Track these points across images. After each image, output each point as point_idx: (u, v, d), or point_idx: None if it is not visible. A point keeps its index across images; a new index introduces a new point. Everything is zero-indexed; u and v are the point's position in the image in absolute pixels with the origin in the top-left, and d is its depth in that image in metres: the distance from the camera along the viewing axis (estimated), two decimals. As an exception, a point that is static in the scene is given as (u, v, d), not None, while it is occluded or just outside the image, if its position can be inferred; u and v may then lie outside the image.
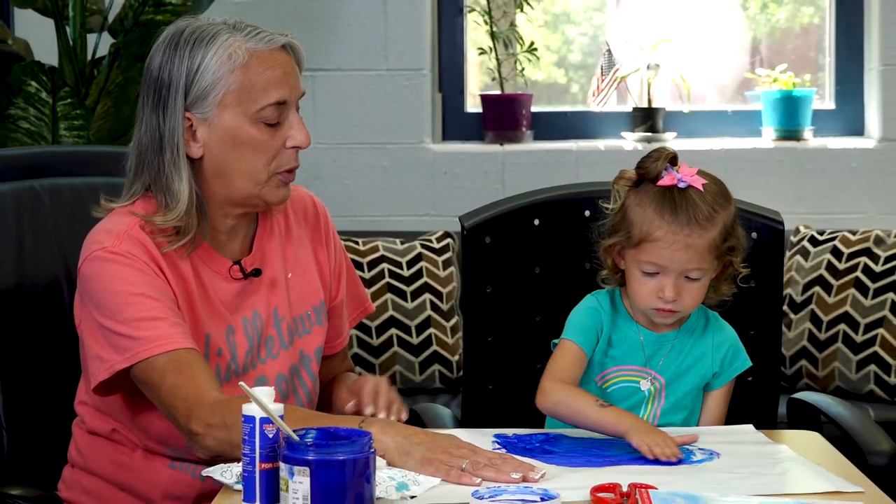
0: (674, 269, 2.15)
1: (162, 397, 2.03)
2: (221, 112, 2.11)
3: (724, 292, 2.25)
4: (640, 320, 2.25)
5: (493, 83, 4.34)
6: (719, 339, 2.26)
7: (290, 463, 1.64)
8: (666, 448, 2.00)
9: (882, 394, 3.70)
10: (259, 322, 2.21)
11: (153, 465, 2.18)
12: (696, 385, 2.25)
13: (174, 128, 2.11)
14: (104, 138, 3.57)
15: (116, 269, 2.08)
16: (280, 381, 2.23)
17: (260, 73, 2.11)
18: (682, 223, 2.13)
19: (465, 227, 2.50)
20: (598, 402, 2.14)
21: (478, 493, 1.75)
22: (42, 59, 3.57)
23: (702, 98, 4.47)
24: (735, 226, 2.20)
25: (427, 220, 4.22)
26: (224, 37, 2.11)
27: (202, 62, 2.10)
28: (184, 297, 2.14)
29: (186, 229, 2.13)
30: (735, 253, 2.20)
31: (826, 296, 3.78)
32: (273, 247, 2.26)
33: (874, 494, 1.84)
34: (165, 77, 2.12)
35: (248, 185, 2.14)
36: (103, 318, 2.07)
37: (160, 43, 2.15)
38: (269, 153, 2.13)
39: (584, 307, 2.26)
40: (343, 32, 4.24)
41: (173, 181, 2.12)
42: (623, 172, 2.22)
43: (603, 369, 2.25)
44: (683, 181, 2.16)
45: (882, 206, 4.21)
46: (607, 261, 2.24)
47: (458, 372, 3.83)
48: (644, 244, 2.15)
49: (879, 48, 4.21)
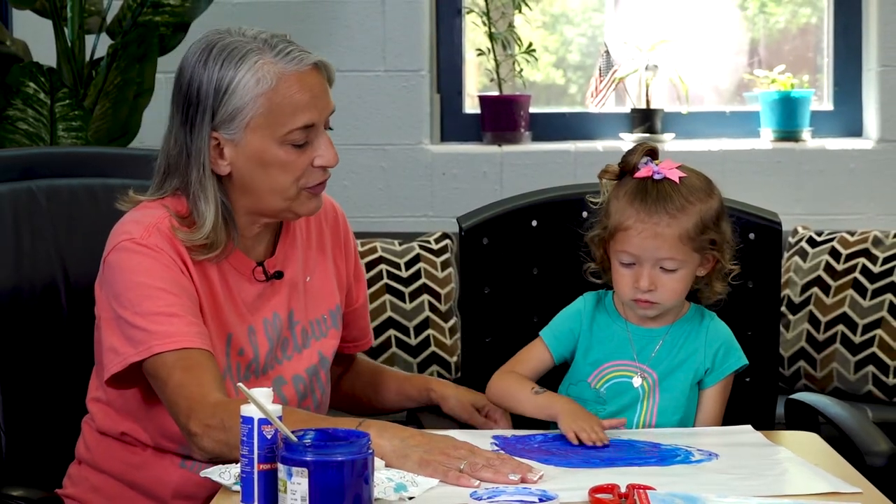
0: (646, 257, 2.18)
1: (167, 394, 2.03)
2: (248, 134, 2.11)
3: (718, 291, 2.26)
4: (629, 316, 2.27)
5: (491, 84, 4.34)
6: (713, 336, 2.27)
7: (288, 464, 1.64)
8: (592, 433, 2.04)
9: (880, 394, 3.70)
10: (279, 323, 2.23)
11: (163, 464, 2.19)
12: (689, 381, 2.26)
13: (201, 148, 2.12)
14: (102, 139, 3.57)
15: (141, 260, 2.09)
16: (297, 382, 2.25)
17: (288, 97, 2.10)
18: (651, 211, 2.17)
19: (463, 228, 2.50)
20: (534, 389, 2.19)
21: (476, 493, 1.75)
22: (40, 60, 3.57)
23: (700, 99, 4.47)
24: (719, 220, 2.21)
25: (425, 221, 4.22)
26: (254, 57, 2.10)
27: (231, 83, 2.09)
28: (208, 296, 2.15)
29: (215, 245, 2.14)
30: (720, 248, 2.22)
31: (824, 297, 3.78)
32: (294, 250, 2.27)
33: (872, 495, 1.84)
34: (194, 94, 2.12)
35: (278, 201, 2.16)
36: (122, 310, 2.07)
37: (190, 55, 2.15)
38: (297, 172, 2.14)
39: (568, 310, 2.31)
40: (341, 34, 4.24)
41: (199, 200, 2.13)
42: (607, 167, 2.27)
43: (594, 368, 2.26)
44: (659, 173, 2.20)
45: (880, 207, 4.21)
46: (597, 253, 2.27)
47: (457, 373, 3.83)
48: (618, 234, 2.20)
49: (878, 49, 4.21)
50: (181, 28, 3.66)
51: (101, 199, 2.44)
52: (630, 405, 2.24)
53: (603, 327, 2.27)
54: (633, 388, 2.24)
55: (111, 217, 2.27)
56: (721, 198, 2.23)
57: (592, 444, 2.04)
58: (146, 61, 3.59)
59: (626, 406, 2.24)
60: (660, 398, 2.25)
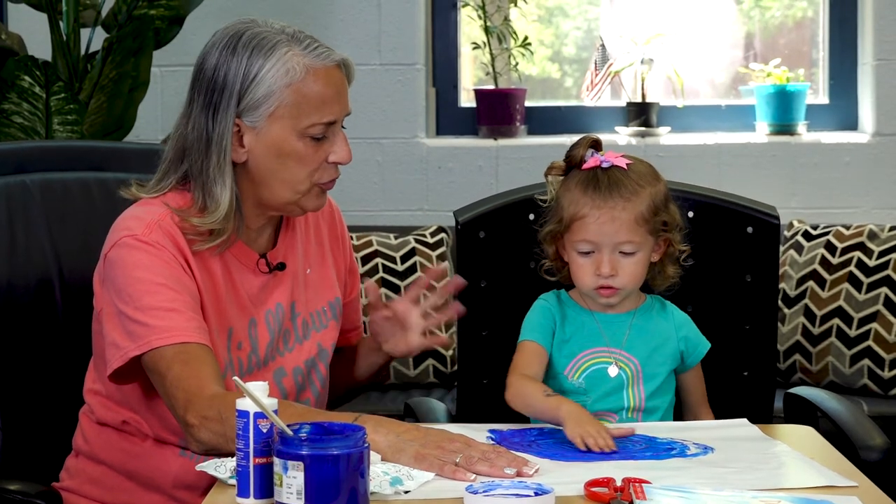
0: (605, 243, 2.21)
1: (166, 387, 2.04)
2: (271, 123, 2.12)
3: (671, 275, 2.30)
4: (591, 306, 2.29)
5: (486, 78, 4.34)
6: (678, 321, 2.31)
7: (284, 458, 1.64)
8: (599, 439, 2.02)
9: (875, 388, 3.71)
10: (281, 314, 2.25)
11: (163, 454, 2.19)
12: (670, 364, 2.28)
13: (223, 133, 2.12)
14: (98, 133, 3.57)
15: (142, 256, 2.10)
16: (297, 374, 2.26)
17: (315, 91, 2.12)
18: (606, 197, 2.20)
19: (459, 221, 2.50)
20: (545, 392, 2.18)
21: (472, 487, 1.75)
22: (35, 54, 3.57)
23: (695, 93, 4.47)
24: (667, 203, 2.26)
25: (421, 215, 4.22)
26: (283, 49, 2.12)
27: (259, 71, 2.11)
28: (210, 290, 2.16)
29: (222, 232, 2.15)
30: (670, 229, 2.26)
31: (820, 290, 3.78)
32: (295, 243, 2.29)
33: (868, 489, 1.84)
34: (220, 79, 2.12)
35: (288, 194, 2.17)
36: (122, 305, 2.08)
37: (217, 41, 2.15)
38: (312, 166, 2.15)
39: (534, 309, 2.32)
40: (337, 27, 4.24)
41: (216, 185, 2.13)
42: (553, 163, 2.32)
43: (570, 360, 2.27)
44: (606, 161, 2.24)
45: (876, 200, 4.21)
46: (549, 251, 2.30)
47: (453, 366, 3.83)
48: (574, 224, 2.22)
49: (873, 43, 4.22)
50: (176, 22, 3.65)
51: (95, 193, 2.44)
52: (611, 393, 2.25)
53: (572, 320, 2.29)
54: (609, 376, 2.25)
55: (105, 211, 2.27)
56: (666, 183, 2.28)
57: (601, 450, 2.00)
58: (141, 55, 3.58)
59: (607, 394, 2.25)
60: (644, 384, 2.25)
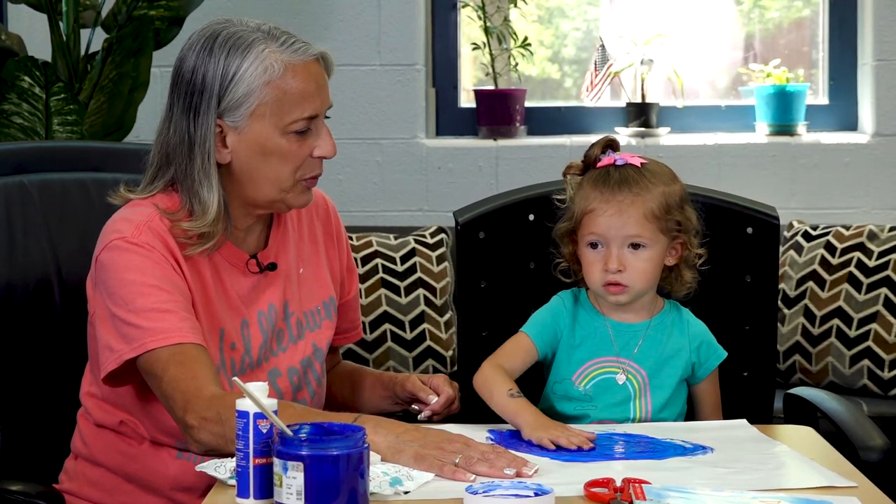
0: (612, 236, 2.20)
1: (163, 388, 2.03)
2: (253, 122, 2.12)
3: (688, 280, 2.29)
4: (606, 311, 2.27)
5: (486, 78, 4.34)
6: (694, 331, 2.29)
7: (283, 458, 1.64)
8: (573, 437, 2.02)
9: (875, 389, 3.71)
10: (274, 315, 2.24)
11: (161, 456, 2.19)
12: (678, 377, 2.27)
13: (206, 135, 2.12)
14: (97, 133, 3.57)
15: (133, 258, 2.09)
16: (292, 374, 2.26)
17: (294, 87, 2.12)
18: (615, 191, 2.21)
19: (458, 222, 2.50)
20: (510, 391, 2.17)
21: (472, 487, 1.74)
22: (35, 55, 3.57)
23: (695, 93, 4.47)
24: (683, 205, 2.25)
25: (421, 216, 4.22)
26: (260, 46, 2.11)
27: (238, 71, 2.11)
28: (200, 291, 2.15)
29: (212, 235, 2.15)
30: (685, 231, 2.24)
31: (819, 291, 3.78)
32: (287, 242, 2.28)
33: (867, 489, 1.84)
34: (199, 81, 2.12)
35: (274, 191, 2.16)
36: (115, 308, 2.08)
37: (193, 44, 2.15)
38: (296, 162, 2.15)
39: (547, 307, 2.31)
40: (336, 27, 4.24)
41: (202, 188, 2.13)
42: (571, 163, 2.33)
43: (578, 367, 2.26)
44: (621, 160, 2.25)
45: (875, 201, 4.21)
46: (566, 251, 2.29)
47: (453, 367, 3.83)
48: (584, 218, 2.23)
49: (873, 43, 4.22)
50: (176, 22, 3.66)
51: (93, 194, 2.44)
52: (619, 403, 2.24)
53: (584, 324, 2.28)
54: (618, 386, 2.25)
55: (103, 211, 2.27)
56: (684, 186, 2.27)
57: (574, 446, 2.01)
58: (141, 55, 3.58)
59: (614, 404, 2.24)
60: (652, 396, 2.25)
